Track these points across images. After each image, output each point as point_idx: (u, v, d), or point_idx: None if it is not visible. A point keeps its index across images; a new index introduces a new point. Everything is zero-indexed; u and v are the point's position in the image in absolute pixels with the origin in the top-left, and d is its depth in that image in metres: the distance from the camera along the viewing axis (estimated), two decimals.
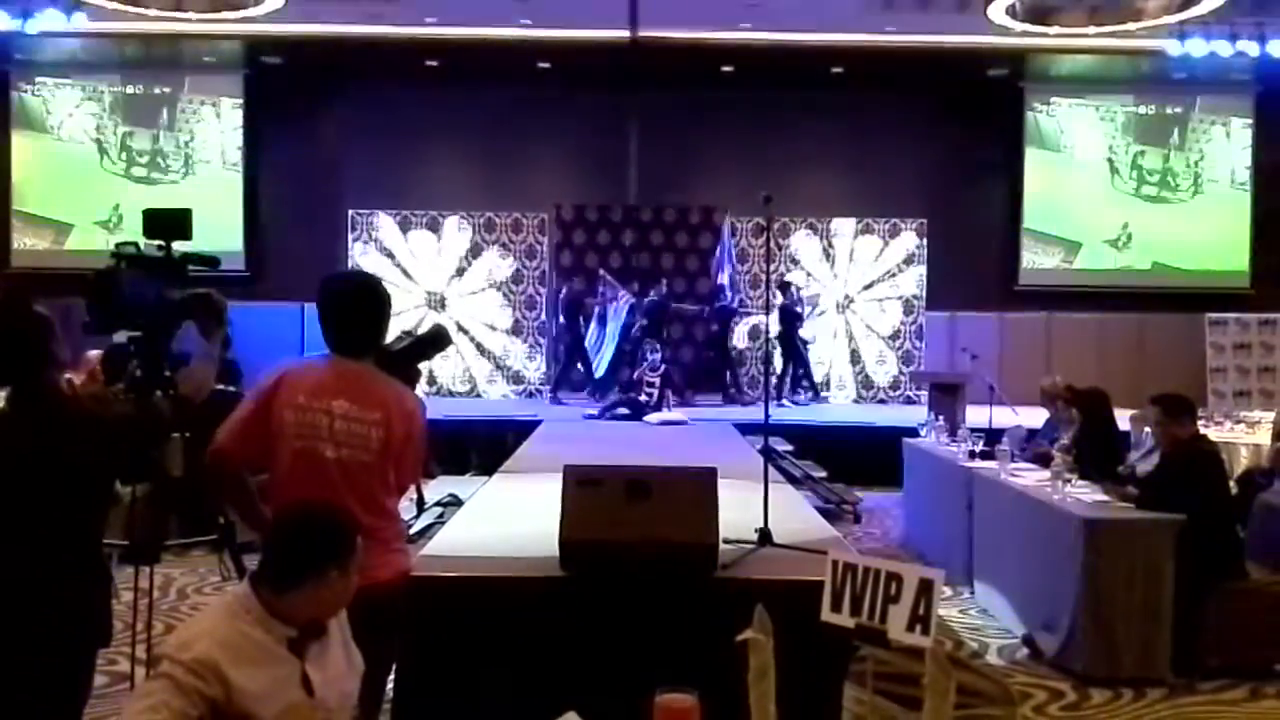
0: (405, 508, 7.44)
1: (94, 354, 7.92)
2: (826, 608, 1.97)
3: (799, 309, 13.26)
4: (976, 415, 9.46)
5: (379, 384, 3.11)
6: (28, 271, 13.70)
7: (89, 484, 2.79)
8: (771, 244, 13.39)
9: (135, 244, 3.62)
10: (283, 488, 2.98)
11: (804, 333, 13.41)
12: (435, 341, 4.01)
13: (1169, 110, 14.81)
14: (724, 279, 13.43)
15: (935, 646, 1.81)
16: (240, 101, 14.59)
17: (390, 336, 3.53)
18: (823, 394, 13.62)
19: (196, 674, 2.15)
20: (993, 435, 7.68)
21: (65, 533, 2.74)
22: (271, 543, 2.39)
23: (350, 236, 13.95)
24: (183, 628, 2.33)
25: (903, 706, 1.97)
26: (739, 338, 13.88)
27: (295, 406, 3.00)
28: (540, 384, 13.95)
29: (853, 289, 14.12)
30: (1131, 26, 12.24)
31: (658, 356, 11.49)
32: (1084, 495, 5.77)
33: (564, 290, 13.33)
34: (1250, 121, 14.66)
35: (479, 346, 14.04)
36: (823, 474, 9.43)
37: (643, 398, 11.20)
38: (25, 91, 14.51)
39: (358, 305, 3.17)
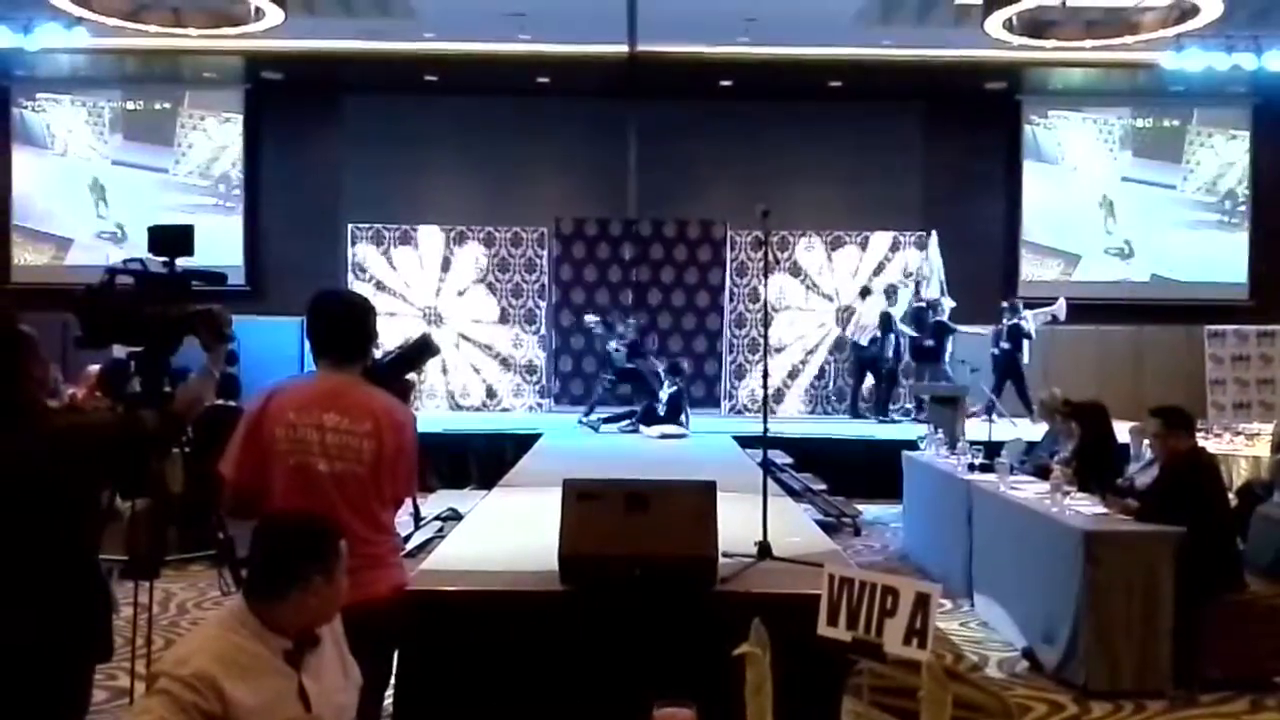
0: (403, 522, 7.44)
1: (93, 368, 7.93)
2: (823, 621, 1.98)
3: (1025, 326, 12.86)
4: (976, 428, 9.46)
5: (368, 396, 3.12)
6: (28, 287, 13.72)
7: (71, 496, 2.79)
8: (770, 257, 13.40)
9: (140, 260, 3.64)
10: (279, 505, 2.97)
11: (1026, 354, 12.95)
12: (422, 351, 4.02)
13: (1166, 123, 14.86)
14: (930, 293, 13.28)
15: (932, 660, 1.81)
16: (240, 116, 14.64)
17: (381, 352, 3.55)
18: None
19: (194, 689, 2.15)
20: (992, 448, 7.68)
21: (55, 546, 2.73)
22: (255, 556, 2.40)
23: (350, 250, 13.97)
24: (179, 643, 2.34)
25: None
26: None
27: (285, 423, 3.01)
28: (540, 397, 13.94)
29: (850, 300, 14.09)
30: (1128, 40, 12.28)
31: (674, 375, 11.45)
32: (1083, 508, 5.76)
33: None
34: (1247, 133, 14.70)
35: (476, 361, 14.04)
36: (822, 487, 9.42)
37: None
38: (26, 107, 14.56)
39: (344, 317, 3.20)
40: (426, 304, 14.00)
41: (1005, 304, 13.11)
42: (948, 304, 13.21)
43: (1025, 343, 12.89)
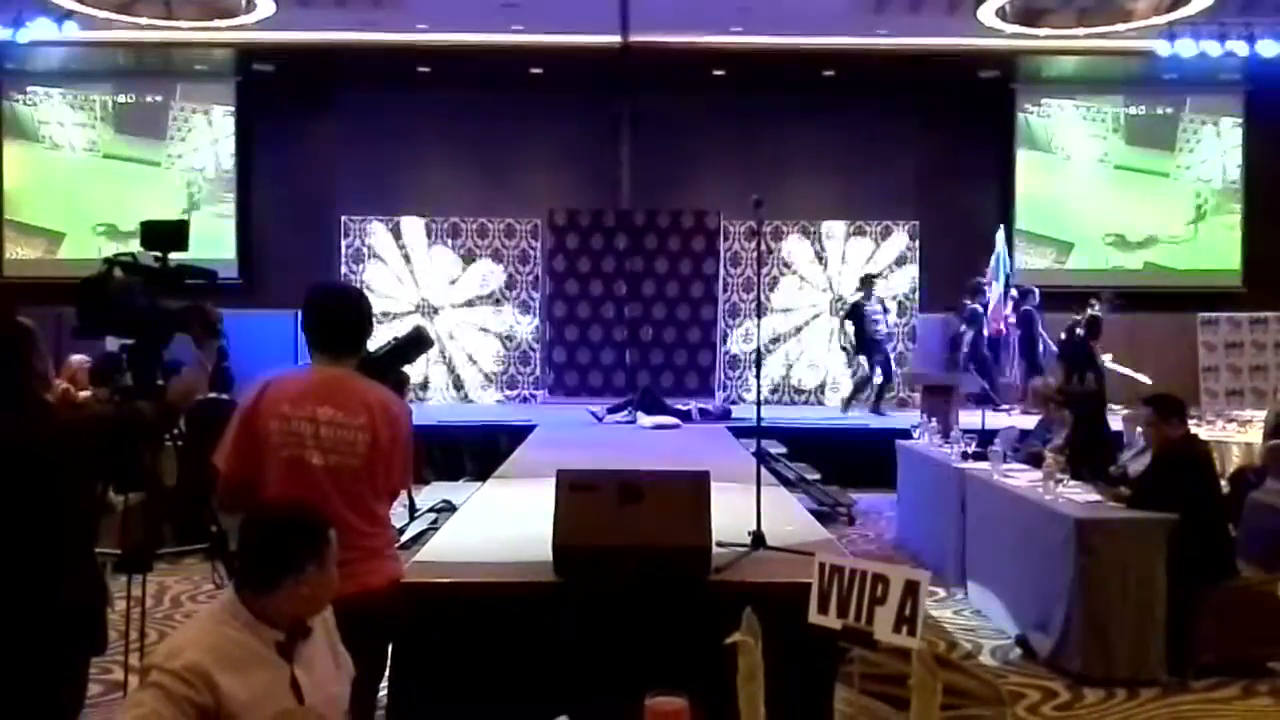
0: (398, 514, 7.45)
1: (76, 359, 7.95)
2: (814, 610, 1.99)
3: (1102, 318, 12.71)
4: (969, 417, 9.48)
5: (362, 388, 3.12)
6: (20, 281, 13.70)
7: (71, 490, 2.79)
8: (763, 247, 13.43)
9: (132, 254, 3.65)
10: (273, 497, 2.97)
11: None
12: (416, 343, 4.03)
13: (1159, 110, 14.86)
14: (997, 290, 13.22)
15: (922, 647, 1.82)
16: (232, 109, 14.58)
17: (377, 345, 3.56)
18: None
19: (186, 682, 2.15)
20: (985, 436, 7.70)
21: (53, 540, 2.74)
22: (246, 547, 2.40)
23: (343, 243, 13.95)
24: (171, 636, 2.34)
25: (894, 707, 1.98)
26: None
27: (280, 416, 3.00)
28: (535, 388, 13.95)
29: (845, 291, 14.13)
30: (1121, 27, 12.30)
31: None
32: (1076, 496, 5.78)
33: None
34: (1240, 121, 14.71)
35: (470, 355, 14.04)
36: (816, 476, 9.44)
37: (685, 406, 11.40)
38: (17, 101, 14.50)
39: (339, 310, 3.20)
40: (420, 296, 13.99)
41: (1093, 298, 12.85)
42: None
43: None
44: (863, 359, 12.65)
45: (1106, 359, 12.55)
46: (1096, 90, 14.82)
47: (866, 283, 12.78)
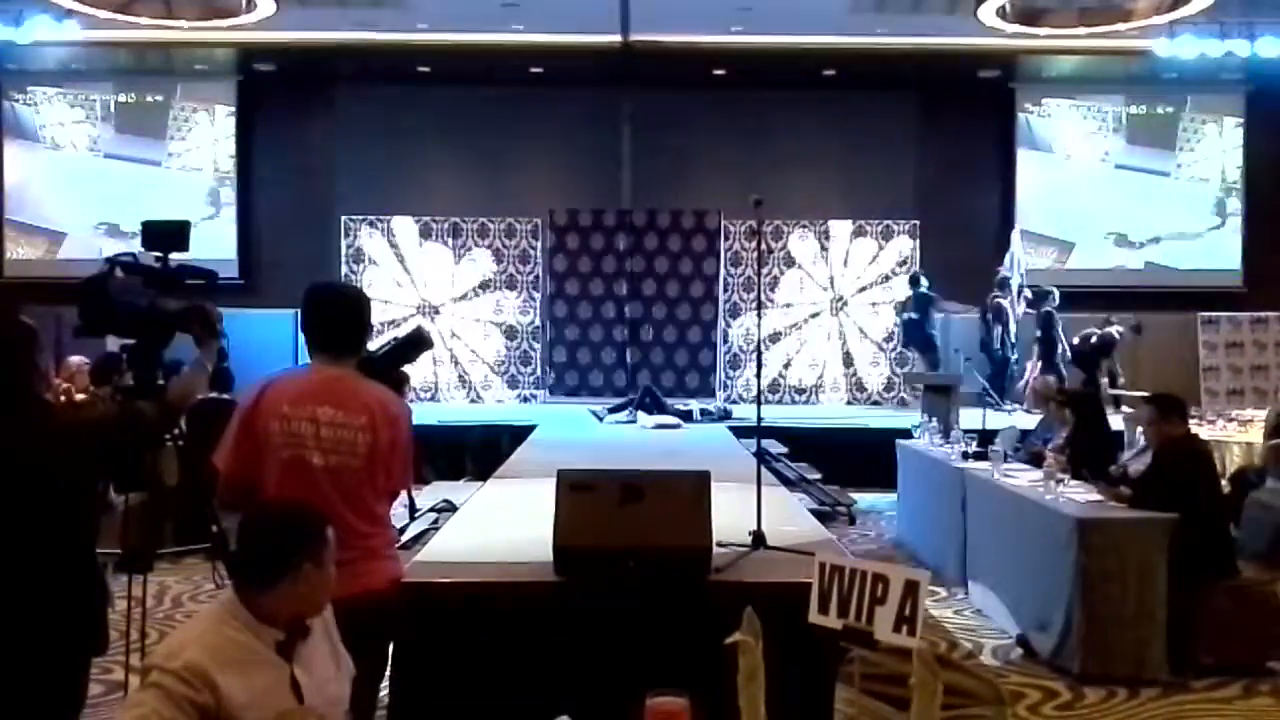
0: (399, 514, 7.45)
1: (75, 359, 7.97)
2: (814, 609, 1.99)
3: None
4: (970, 416, 9.47)
5: (362, 389, 3.12)
6: (21, 281, 13.70)
7: (73, 490, 2.80)
8: (763, 246, 13.44)
9: (133, 254, 3.66)
10: (273, 497, 2.97)
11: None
12: (416, 343, 4.03)
13: (1160, 110, 14.86)
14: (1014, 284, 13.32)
15: (922, 647, 1.82)
16: (232, 108, 14.58)
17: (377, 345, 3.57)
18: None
19: (186, 681, 2.15)
20: (986, 436, 7.69)
21: (55, 540, 2.74)
22: (244, 546, 2.40)
23: (343, 243, 13.95)
24: (171, 636, 2.34)
25: (895, 707, 1.98)
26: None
27: (280, 416, 3.00)
28: (535, 388, 13.96)
29: (846, 291, 14.15)
30: (1121, 27, 12.29)
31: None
32: (1077, 495, 5.77)
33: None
34: (1241, 120, 14.70)
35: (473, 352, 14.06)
36: (817, 476, 9.44)
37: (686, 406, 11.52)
38: (17, 100, 14.50)
39: (339, 310, 3.20)
40: (421, 296, 14.00)
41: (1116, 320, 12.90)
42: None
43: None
44: (914, 354, 12.95)
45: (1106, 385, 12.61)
46: (1097, 90, 14.81)
47: (916, 281, 12.99)
